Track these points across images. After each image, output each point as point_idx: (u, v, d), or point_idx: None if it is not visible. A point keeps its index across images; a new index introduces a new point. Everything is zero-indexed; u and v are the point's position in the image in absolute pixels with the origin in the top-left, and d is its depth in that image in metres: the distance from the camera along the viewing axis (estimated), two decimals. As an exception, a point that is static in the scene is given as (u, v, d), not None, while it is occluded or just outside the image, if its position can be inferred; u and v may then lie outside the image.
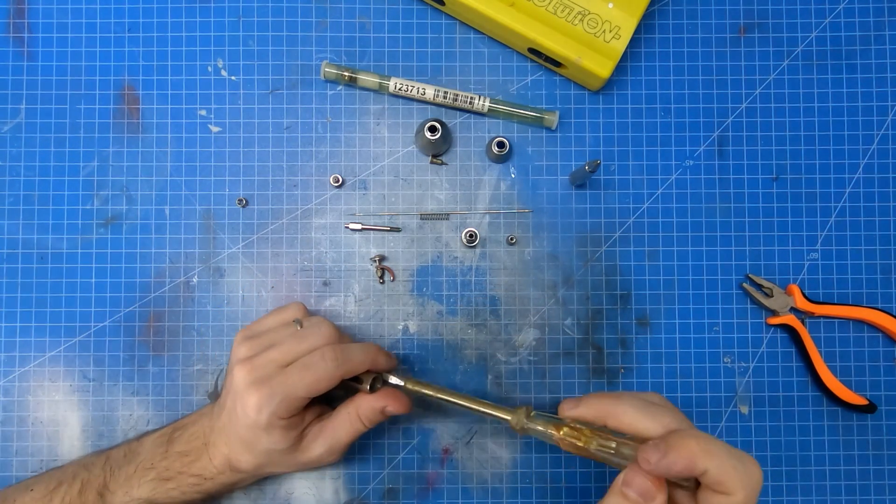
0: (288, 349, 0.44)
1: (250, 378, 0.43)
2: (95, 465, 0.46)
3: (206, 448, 0.45)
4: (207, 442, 0.45)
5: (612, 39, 0.50)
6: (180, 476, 0.45)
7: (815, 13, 0.54)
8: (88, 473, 0.45)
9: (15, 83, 0.54)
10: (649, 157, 0.54)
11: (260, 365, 0.43)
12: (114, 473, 0.45)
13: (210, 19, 0.54)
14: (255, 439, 0.43)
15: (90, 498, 0.44)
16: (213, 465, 0.45)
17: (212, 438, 0.45)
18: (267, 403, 0.42)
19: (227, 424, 0.44)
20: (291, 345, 0.44)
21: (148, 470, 0.45)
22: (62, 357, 0.53)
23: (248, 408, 0.42)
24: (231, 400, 0.43)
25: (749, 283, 0.53)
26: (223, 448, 0.44)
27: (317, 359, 0.43)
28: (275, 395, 0.42)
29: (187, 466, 0.45)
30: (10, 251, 0.53)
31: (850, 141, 0.54)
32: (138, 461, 0.45)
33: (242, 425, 0.43)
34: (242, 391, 0.42)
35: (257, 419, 0.42)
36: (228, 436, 0.44)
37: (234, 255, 0.53)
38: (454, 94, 0.52)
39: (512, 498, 0.52)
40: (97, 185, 0.54)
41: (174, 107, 0.54)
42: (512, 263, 0.53)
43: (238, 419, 0.43)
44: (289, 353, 0.44)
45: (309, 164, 0.54)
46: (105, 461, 0.46)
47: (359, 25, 0.54)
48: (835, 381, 0.51)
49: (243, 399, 0.42)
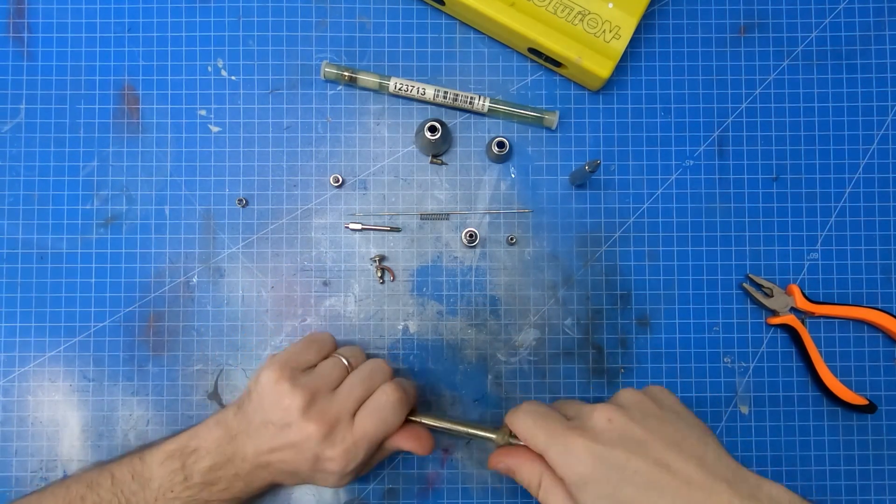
0: (358, 395, 0.43)
1: (328, 434, 0.41)
2: (101, 485, 0.43)
3: (238, 478, 0.43)
4: (239, 472, 0.43)
5: (612, 39, 0.50)
6: (211, 503, 0.44)
7: (815, 13, 0.54)
8: (98, 497, 0.43)
9: (15, 83, 0.54)
10: (649, 157, 0.54)
11: (334, 418, 0.42)
12: (129, 499, 0.42)
13: (210, 19, 0.54)
14: (323, 480, 0.43)
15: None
16: (252, 489, 0.44)
17: (245, 468, 0.43)
18: (353, 458, 0.42)
19: (276, 464, 0.42)
20: (357, 389, 0.43)
21: (172, 500, 0.42)
22: (62, 357, 0.53)
23: (331, 462, 0.42)
24: (293, 448, 0.42)
25: (749, 283, 0.53)
26: (266, 477, 0.44)
27: (384, 403, 0.43)
28: (360, 449, 0.42)
29: (217, 494, 0.43)
30: (10, 251, 0.53)
31: (850, 141, 0.54)
32: (154, 488, 0.42)
33: (313, 470, 0.42)
34: (319, 446, 0.41)
35: (343, 471, 0.42)
36: (275, 472, 0.43)
37: (234, 255, 0.53)
38: (454, 94, 0.52)
39: (512, 498, 0.52)
40: (97, 185, 0.54)
41: (174, 107, 0.54)
42: (512, 263, 0.53)
43: (308, 465, 0.42)
44: (358, 400, 0.43)
45: (309, 164, 0.54)
46: (111, 482, 0.43)
47: (359, 25, 0.54)
48: (835, 381, 0.51)
49: (324, 454, 0.41)
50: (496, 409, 0.52)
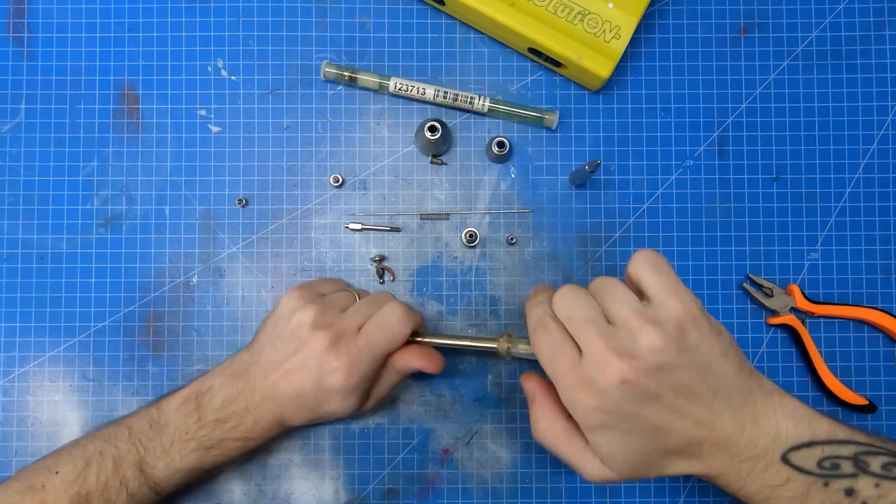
0: (364, 313, 0.45)
1: (333, 344, 0.43)
2: (119, 438, 0.44)
3: (248, 412, 0.44)
4: (250, 406, 0.44)
5: (612, 39, 0.50)
6: (223, 442, 0.44)
7: (815, 13, 0.54)
8: (116, 449, 0.43)
9: (15, 83, 0.54)
10: (649, 157, 0.54)
11: (340, 330, 0.43)
12: (146, 447, 0.43)
13: (210, 19, 0.54)
14: (327, 401, 0.43)
15: (129, 473, 0.43)
16: (261, 427, 0.45)
17: (256, 401, 0.44)
18: (357, 367, 0.42)
19: (283, 387, 0.43)
20: (364, 308, 0.45)
21: (187, 441, 0.44)
22: (62, 357, 0.53)
23: (334, 374, 0.42)
24: (299, 364, 0.43)
25: (749, 283, 0.53)
26: (274, 409, 0.44)
27: (388, 315, 0.44)
28: (363, 360, 0.42)
29: (229, 432, 0.44)
30: (10, 251, 0.53)
31: (850, 141, 0.54)
32: (171, 432, 0.44)
33: (317, 388, 0.43)
34: (324, 357, 0.42)
35: (345, 384, 0.42)
36: (284, 399, 0.44)
37: (234, 255, 0.53)
38: (454, 94, 0.52)
39: (512, 498, 0.52)
40: (97, 185, 0.54)
41: (174, 107, 0.54)
42: (512, 263, 0.53)
43: (312, 383, 0.43)
44: (364, 316, 0.44)
45: (309, 164, 0.54)
46: (129, 434, 0.44)
47: (359, 25, 0.54)
48: (835, 381, 0.51)
49: (328, 364, 0.42)
50: (496, 409, 0.52)
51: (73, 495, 0.42)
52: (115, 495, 0.43)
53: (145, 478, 0.43)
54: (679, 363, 0.35)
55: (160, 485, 0.44)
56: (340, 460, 0.52)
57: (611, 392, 0.35)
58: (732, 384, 0.37)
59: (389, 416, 0.52)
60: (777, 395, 0.38)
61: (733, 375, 0.37)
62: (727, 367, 0.37)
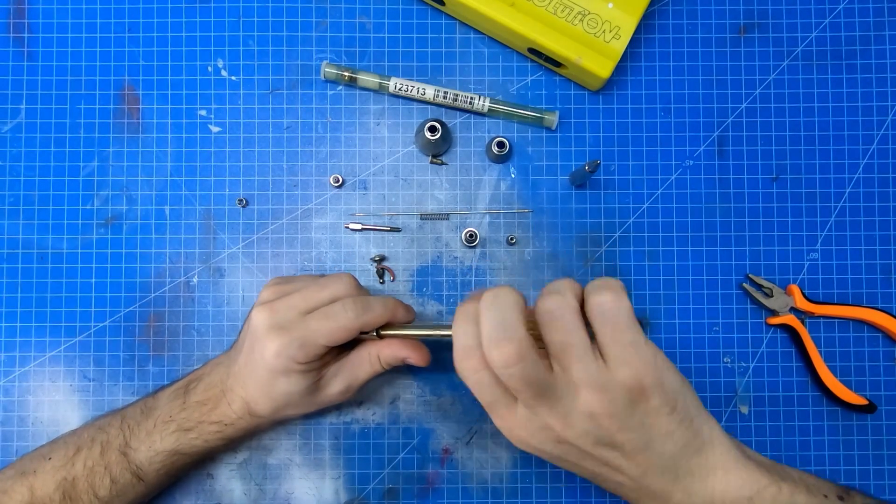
0: (309, 296, 0.44)
1: (269, 322, 0.43)
2: (112, 425, 0.45)
3: (223, 395, 0.45)
4: (225, 388, 0.45)
5: (612, 39, 0.50)
6: (201, 425, 0.45)
7: (815, 13, 0.54)
8: (107, 435, 0.45)
9: (15, 83, 0.54)
10: (649, 157, 0.54)
11: (280, 309, 0.43)
12: (133, 431, 0.45)
13: (210, 19, 0.54)
14: (273, 382, 0.43)
15: (112, 458, 0.44)
16: (232, 411, 0.45)
17: (229, 384, 0.45)
18: (286, 348, 0.42)
19: (243, 368, 0.44)
20: (312, 291, 0.44)
21: (168, 423, 0.44)
22: (62, 357, 0.53)
23: (266, 351, 0.42)
24: (249, 343, 0.43)
25: (749, 283, 0.53)
26: (240, 392, 0.44)
27: (338, 309, 0.43)
28: (293, 341, 0.42)
29: (207, 415, 0.45)
30: (10, 251, 0.53)
31: (850, 141, 0.54)
32: (156, 415, 0.45)
33: (260, 368, 0.43)
34: (262, 335, 0.42)
35: (275, 363, 0.42)
36: (245, 380, 0.44)
37: (234, 255, 0.53)
38: (454, 94, 0.52)
39: (512, 498, 0.52)
40: (97, 185, 0.54)
41: (174, 107, 0.54)
42: (512, 263, 0.53)
43: (256, 362, 0.43)
44: (310, 300, 0.44)
45: (309, 164, 0.54)
46: (121, 421, 0.45)
47: (359, 25, 0.54)
48: (835, 381, 0.51)
49: (262, 342, 0.42)
50: (496, 409, 0.52)
51: (60, 480, 0.43)
52: (98, 480, 0.44)
53: (127, 462, 0.44)
54: (615, 437, 0.36)
55: (141, 469, 0.44)
56: (340, 460, 0.52)
57: (546, 448, 0.38)
58: (667, 463, 0.37)
59: (389, 416, 0.52)
60: (722, 471, 0.37)
61: (671, 455, 0.36)
62: (667, 447, 0.36)
